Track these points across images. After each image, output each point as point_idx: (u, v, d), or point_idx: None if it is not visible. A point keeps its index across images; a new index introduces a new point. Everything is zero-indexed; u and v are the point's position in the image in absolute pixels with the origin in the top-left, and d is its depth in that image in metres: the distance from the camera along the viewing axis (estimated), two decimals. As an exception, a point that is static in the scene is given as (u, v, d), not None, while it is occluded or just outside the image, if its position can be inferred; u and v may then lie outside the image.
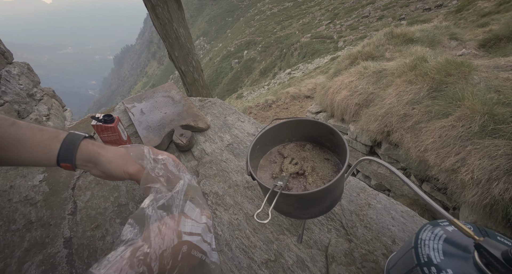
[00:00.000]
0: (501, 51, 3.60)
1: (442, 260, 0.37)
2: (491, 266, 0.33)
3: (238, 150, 0.94)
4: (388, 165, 0.49)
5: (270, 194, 0.50)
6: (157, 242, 0.37)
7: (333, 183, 0.46)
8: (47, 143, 0.47)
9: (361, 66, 3.51)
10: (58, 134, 0.49)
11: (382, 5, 23.09)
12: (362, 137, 2.99)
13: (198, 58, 3.27)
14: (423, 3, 18.82)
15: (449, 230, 0.40)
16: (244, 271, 0.59)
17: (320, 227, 0.66)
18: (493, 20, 5.23)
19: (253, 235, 0.66)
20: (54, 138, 0.48)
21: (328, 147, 0.64)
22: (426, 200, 0.42)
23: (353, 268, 0.57)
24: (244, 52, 40.02)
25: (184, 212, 0.45)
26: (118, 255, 0.34)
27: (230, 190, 0.79)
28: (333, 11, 30.13)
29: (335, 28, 24.60)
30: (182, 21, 2.57)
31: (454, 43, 4.33)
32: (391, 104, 2.59)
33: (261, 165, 0.65)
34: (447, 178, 1.96)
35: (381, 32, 4.70)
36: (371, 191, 0.74)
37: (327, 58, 16.30)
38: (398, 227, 0.63)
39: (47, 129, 0.49)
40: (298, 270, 0.58)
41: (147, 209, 0.41)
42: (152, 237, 0.37)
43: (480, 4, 7.05)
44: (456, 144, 1.93)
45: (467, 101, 2.04)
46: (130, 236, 0.39)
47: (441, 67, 2.51)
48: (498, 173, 1.65)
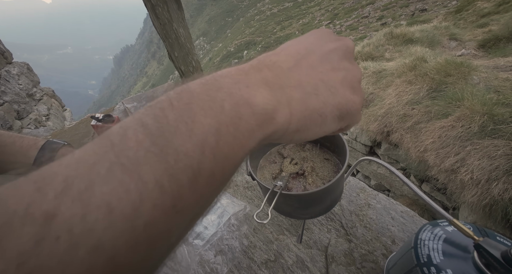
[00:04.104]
0: (500, 52, 3.60)
1: (441, 260, 0.37)
2: (490, 266, 0.33)
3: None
4: (388, 165, 0.49)
5: (270, 194, 0.50)
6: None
7: (333, 183, 0.46)
8: (25, 150, 0.49)
9: (361, 66, 3.51)
10: (36, 142, 0.50)
11: (382, 5, 23.14)
12: (362, 137, 2.99)
13: (198, 58, 3.26)
14: (423, 3, 18.86)
15: (448, 230, 0.40)
16: (244, 271, 0.59)
17: (320, 227, 0.66)
18: (492, 20, 5.24)
19: (253, 235, 0.66)
20: (32, 145, 0.50)
21: (328, 147, 0.64)
22: (426, 200, 0.42)
23: (353, 268, 0.57)
24: (244, 52, 40.05)
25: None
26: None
27: (229, 190, 0.79)
28: (333, 11, 30.18)
29: (335, 28, 24.64)
30: (182, 21, 2.57)
31: (453, 43, 4.34)
32: (390, 104, 2.59)
33: (260, 165, 0.65)
34: (446, 178, 1.96)
35: (380, 33, 4.71)
36: (370, 191, 0.74)
37: (327, 58, 16.26)
38: (398, 227, 0.63)
39: (26, 137, 0.50)
40: (298, 270, 0.58)
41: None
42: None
43: (480, 4, 7.07)
44: (456, 144, 1.93)
45: (466, 102, 2.05)
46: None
47: (440, 68, 2.51)
48: (498, 173, 1.65)
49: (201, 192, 0.14)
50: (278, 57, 0.20)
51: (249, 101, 0.16)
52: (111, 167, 0.12)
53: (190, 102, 0.15)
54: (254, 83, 0.18)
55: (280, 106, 0.18)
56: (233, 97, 0.16)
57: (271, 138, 0.18)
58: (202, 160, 0.14)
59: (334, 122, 0.21)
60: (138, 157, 0.13)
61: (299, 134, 0.20)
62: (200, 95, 0.16)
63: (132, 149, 0.13)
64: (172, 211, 0.13)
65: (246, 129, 0.16)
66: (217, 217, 0.67)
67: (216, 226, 0.65)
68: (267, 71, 0.19)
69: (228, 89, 0.17)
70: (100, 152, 0.13)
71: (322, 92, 0.20)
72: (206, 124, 0.15)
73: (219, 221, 0.66)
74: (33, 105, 3.23)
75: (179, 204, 0.13)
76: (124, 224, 0.12)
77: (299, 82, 0.20)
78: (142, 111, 0.15)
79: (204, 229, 0.65)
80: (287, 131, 0.19)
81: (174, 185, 0.13)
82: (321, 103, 0.20)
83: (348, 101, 0.21)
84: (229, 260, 0.61)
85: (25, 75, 3.24)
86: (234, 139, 0.15)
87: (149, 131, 0.14)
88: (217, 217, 0.67)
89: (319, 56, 0.21)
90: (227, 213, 0.67)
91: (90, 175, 0.12)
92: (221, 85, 0.17)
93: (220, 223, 0.65)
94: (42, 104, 3.39)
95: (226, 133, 0.15)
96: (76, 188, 0.12)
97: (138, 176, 0.12)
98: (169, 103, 0.15)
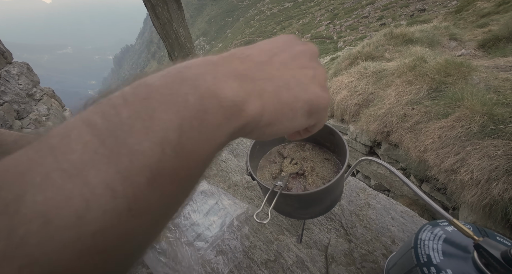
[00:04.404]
0: (500, 52, 3.61)
1: (441, 260, 0.37)
2: (490, 266, 0.33)
3: (238, 150, 0.94)
4: (388, 165, 0.49)
5: (270, 194, 0.50)
6: None
7: (333, 183, 0.46)
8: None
9: (360, 66, 3.52)
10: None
11: (382, 5, 23.14)
12: (362, 137, 2.99)
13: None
14: (423, 3, 18.86)
15: (448, 230, 0.40)
16: (244, 271, 0.59)
17: (319, 227, 0.66)
18: (492, 20, 5.24)
19: (253, 235, 0.66)
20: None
21: (328, 147, 0.64)
22: (426, 200, 0.42)
23: (353, 268, 0.57)
24: (244, 52, 39.92)
25: None
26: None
27: (229, 190, 0.79)
28: (333, 11, 30.18)
29: (335, 28, 24.63)
30: (182, 21, 2.57)
31: (453, 43, 4.34)
32: (390, 104, 2.59)
33: (260, 165, 0.65)
34: (446, 178, 1.96)
35: (380, 33, 4.71)
36: (370, 191, 0.74)
37: (327, 58, 16.30)
38: (398, 227, 0.63)
39: (27, 136, 0.50)
40: (298, 270, 0.58)
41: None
42: None
43: (480, 4, 7.07)
44: (456, 144, 1.93)
45: (466, 102, 2.05)
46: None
47: (440, 68, 2.52)
48: (498, 173, 1.65)
49: (163, 191, 0.14)
50: (251, 51, 0.20)
51: (216, 93, 0.16)
52: (49, 174, 0.11)
53: (148, 97, 0.14)
54: (223, 74, 0.17)
55: (251, 98, 0.17)
56: (198, 89, 0.15)
57: (243, 131, 0.18)
58: (162, 158, 0.13)
59: (303, 118, 0.21)
60: (83, 160, 0.12)
61: (271, 128, 0.20)
62: (161, 89, 0.15)
63: (76, 152, 0.12)
64: (127, 215, 0.12)
65: (213, 123, 0.15)
66: (218, 218, 0.67)
67: (219, 228, 0.65)
68: (239, 63, 0.19)
69: (193, 81, 0.15)
70: (35, 157, 0.12)
71: (293, 87, 0.20)
72: (167, 120, 0.14)
73: (222, 222, 0.66)
74: (33, 105, 3.23)
75: (135, 207, 0.12)
76: (66, 235, 0.11)
77: (271, 76, 0.19)
78: (91, 109, 0.14)
79: (206, 230, 0.65)
80: (258, 124, 0.18)
81: (129, 187, 0.12)
82: (293, 98, 0.20)
83: (318, 97, 0.21)
84: (229, 260, 0.61)
85: (25, 75, 3.24)
86: (199, 133, 0.15)
87: (97, 131, 0.13)
88: (218, 218, 0.67)
89: (290, 55, 0.22)
90: (230, 215, 0.67)
91: (20, 185, 0.11)
92: (185, 77, 0.16)
93: (223, 225, 0.65)
94: (42, 104, 3.39)
95: (190, 128, 0.14)
96: (1, 202, 0.10)
97: (83, 182, 0.11)
98: (123, 99, 0.14)
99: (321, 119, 0.24)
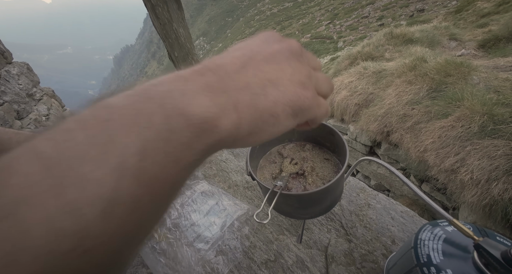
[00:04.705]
0: (500, 52, 3.61)
1: (441, 260, 0.37)
2: (490, 266, 0.33)
3: (238, 150, 0.94)
4: (388, 165, 0.49)
5: (270, 194, 0.50)
6: None
7: (333, 183, 0.46)
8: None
9: (360, 66, 3.52)
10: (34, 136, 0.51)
11: (381, 5, 23.15)
12: (362, 137, 2.99)
13: (198, 58, 3.26)
14: (423, 3, 18.87)
15: (448, 230, 0.40)
16: (244, 271, 0.59)
17: (319, 227, 0.66)
18: (492, 20, 5.25)
19: (253, 235, 0.66)
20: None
21: (328, 147, 0.64)
22: (426, 200, 0.42)
23: (353, 268, 0.57)
24: (244, 52, 39.94)
25: None
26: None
27: (229, 190, 0.79)
28: (333, 11, 30.18)
29: (335, 28, 24.63)
30: (182, 21, 2.57)
31: (453, 43, 4.34)
32: (390, 104, 2.59)
33: (260, 165, 0.65)
34: (446, 178, 1.96)
35: (380, 33, 4.71)
36: (370, 191, 0.74)
37: (327, 58, 16.30)
38: (398, 227, 0.63)
39: (22, 133, 0.50)
40: (298, 270, 0.58)
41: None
42: None
43: (480, 4, 7.07)
44: (456, 144, 1.93)
45: (466, 102, 2.05)
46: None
47: (440, 68, 2.52)
48: (498, 173, 1.65)
49: (122, 222, 0.12)
50: (223, 60, 0.19)
51: (184, 112, 0.15)
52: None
53: (109, 119, 0.13)
54: (192, 90, 0.16)
55: (225, 112, 0.17)
56: (164, 108, 0.14)
57: (220, 145, 0.17)
58: (119, 186, 0.12)
59: (288, 120, 0.20)
60: (23, 195, 0.10)
61: (254, 137, 0.19)
62: (123, 110, 0.14)
63: (15, 186, 0.11)
64: (75, 254, 0.11)
65: (181, 143, 0.14)
66: (218, 219, 0.67)
67: (219, 229, 0.65)
68: (211, 75, 0.18)
69: (160, 100, 0.15)
70: None
71: (271, 92, 0.19)
72: (128, 144, 0.13)
73: (222, 224, 0.66)
74: (33, 105, 3.23)
75: (87, 243, 0.11)
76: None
77: (246, 84, 0.19)
78: (44, 134, 0.13)
79: (206, 231, 0.65)
80: (238, 136, 0.18)
81: (77, 221, 0.11)
82: (271, 103, 0.19)
83: (300, 97, 0.20)
84: (229, 260, 0.61)
85: (25, 75, 3.24)
86: (165, 155, 0.14)
87: (45, 160, 0.11)
88: (218, 219, 0.67)
89: (265, 57, 0.21)
90: (230, 216, 0.67)
91: None
92: (151, 95, 0.15)
93: (223, 226, 0.65)
94: (42, 104, 3.39)
95: (153, 151, 0.13)
96: None
97: (18, 221, 0.10)
98: (80, 123, 0.13)
99: (313, 114, 0.22)
